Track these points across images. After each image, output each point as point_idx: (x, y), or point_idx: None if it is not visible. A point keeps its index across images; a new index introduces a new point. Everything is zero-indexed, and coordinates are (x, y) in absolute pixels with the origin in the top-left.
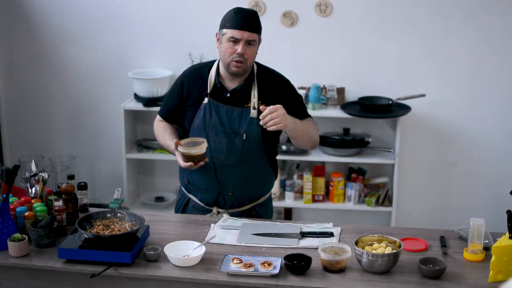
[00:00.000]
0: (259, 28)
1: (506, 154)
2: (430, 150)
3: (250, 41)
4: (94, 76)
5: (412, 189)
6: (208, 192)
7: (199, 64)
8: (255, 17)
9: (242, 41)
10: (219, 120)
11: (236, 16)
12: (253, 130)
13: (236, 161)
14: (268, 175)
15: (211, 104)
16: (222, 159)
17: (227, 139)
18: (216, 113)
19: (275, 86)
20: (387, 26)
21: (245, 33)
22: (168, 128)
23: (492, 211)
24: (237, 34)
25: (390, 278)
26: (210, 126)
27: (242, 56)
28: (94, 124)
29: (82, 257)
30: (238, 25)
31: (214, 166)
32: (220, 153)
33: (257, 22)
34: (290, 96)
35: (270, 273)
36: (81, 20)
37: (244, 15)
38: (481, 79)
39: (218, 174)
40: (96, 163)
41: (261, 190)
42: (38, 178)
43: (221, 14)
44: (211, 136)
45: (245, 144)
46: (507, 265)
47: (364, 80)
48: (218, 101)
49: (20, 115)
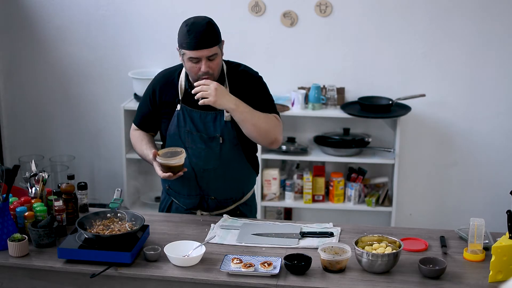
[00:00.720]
0: (217, 38)
1: (506, 154)
2: (430, 150)
3: (210, 57)
4: (94, 76)
5: (412, 189)
6: (190, 198)
7: (168, 69)
8: (210, 30)
9: (204, 59)
10: (194, 125)
11: (190, 36)
12: (229, 132)
13: (216, 165)
14: (249, 173)
15: (184, 110)
16: (201, 164)
17: (204, 144)
18: (190, 119)
19: (246, 84)
20: (387, 26)
21: (203, 52)
22: (145, 137)
23: (492, 211)
24: (196, 54)
25: (390, 278)
26: (186, 132)
27: (207, 72)
28: (94, 124)
29: (82, 257)
30: (195, 46)
31: (194, 172)
32: (199, 159)
33: (212, 34)
34: (258, 91)
35: (270, 273)
36: (81, 20)
37: (198, 34)
38: (481, 79)
39: (199, 179)
40: (96, 163)
41: (242, 190)
42: (38, 178)
43: (221, 13)
44: (187, 142)
45: (223, 148)
46: (507, 265)
47: (364, 80)
48: (191, 106)
49: (20, 115)
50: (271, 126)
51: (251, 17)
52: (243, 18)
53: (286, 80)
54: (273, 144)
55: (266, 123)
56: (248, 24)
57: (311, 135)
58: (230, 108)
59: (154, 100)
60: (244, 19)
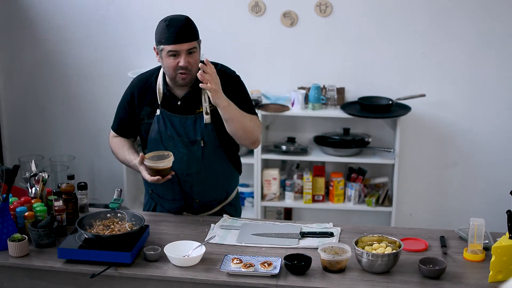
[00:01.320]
0: (196, 34)
1: (506, 154)
2: (430, 150)
3: (190, 50)
4: (94, 76)
5: (412, 189)
6: (174, 202)
7: (145, 73)
8: (189, 24)
9: (183, 53)
10: (174, 130)
11: (169, 30)
12: (209, 134)
13: (198, 169)
14: (231, 174)
15: (163, 115)
16: (184, 169)
17: (185, 148)
18: (170, 124)
19: (224, 84)
20: (387, 26)
21: (183, 45)
22: (126, 143)
23: (492, 211)
24: (175, 48)
25: (390, 278)
26: (167, 137)
27: (186, 67)
28: (94, 124)
29: (82, 257)
30: (174, 39)
31: (177, 176)
32: (181, 163)
33: (192, 28)
34: (237, 91)
35: (270, 273)
36: (81, 20)
37: (177, 28)
38: (481, 79)
39: (182, 184)
40: (96, 163)
41: (226, 190)
42: (38, 178)
43: (221, 13)
44: (169, 147)
45: (204, 151)
46: (507, 265)
47: (364, 80)
48: (170, 111)
49: (20, 115)
50: (255, 126)
51: (251, 17)
52: (243, 18)
53: (286, 80)
54: (255, 144)
55: (251, 122)
56: (248, 24)
57: (311, 135)
58: (223, 105)
59: (133, 105)
60: (244, 19)
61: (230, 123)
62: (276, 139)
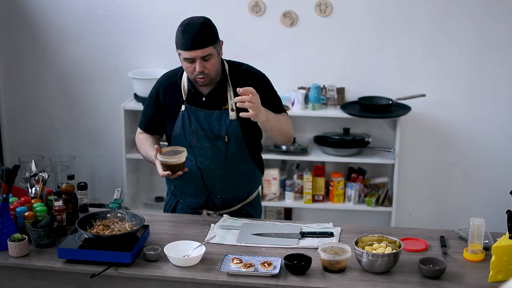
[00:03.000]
0: (211, 39)
1: (506, 154)
2: (430, 150)
3: (205, 57)
4: (94, 76)
5: (412, 189)
6: (196, 197)
7: (171, 71)
8: (205, 30)
9: (198, 59)
10: (199, 125)
11: (184, 36)
12: (235, 131)
13: (222, 164)
14: (254, 173)
15: (188, 110)
16: (207, 163)
17: (209, 143)
18: (195, 119)
19: (250, 83)
20: (387, 26)
21: (197, 52)
22: (149, 138)
23: (492, 211)
24: (189, 55)
25: (390, 278)
26: (191, 132)
27: (203, 72)
28: (94, 124)
29: (82, 257)
30: (188, 46)
31: (200, 171)
32: (205, 158)
33: (207, 34)
34: (265, 91)
35: (270, 273)
36: (81, 20)
37: (192, 34)
38: (481, 79)
39: (205, 178)
40: (96, 163)
41: (248, 189)
42: (38, 178)
43: (221, 13)
44: (193, 142)
45: (228, 147)
46: (507, 265)
47: (364, 80)
48: (195, 106)
49: (20, 115)
50: (290, 127)
51: (251, 17)
52: (243, 18)
53: (286, 80)
54: (290, 141)
55: (286, 125)
56: (248, 24)
57: (311, 135)
58: (263, 120)
59: (158, 102)
60: (244, 19)
61: (270, 132)
62: None
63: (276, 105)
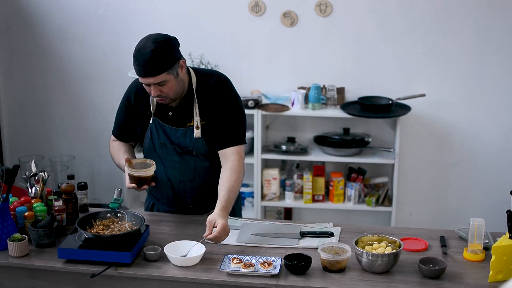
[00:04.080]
0: (164, 66)
1: (506, 154)
2: (430, 150)
3: (159, 83)
4: (94, 76)
5: (412, 189)
6: (169, 205)
7: None
8: (156, 57)
9: (152, 85)
10: (167, 138)
11: (135, 62)
12: (200, 148)
13: (191, 177)
14: None
15: (156, 123)
16: (177, 176)
17: (178, 157)
18: (163, 132)
19: (216, 101)
20: (387, 26)
21: (149, 79)
22: (123, 147)
23: (492, 211)
24: (142, 81)
25: (390, 278)
26: (160, 145)
27: (160, 95)
28: (94, 124)
29: (82, 257)
30: (139, 73)
31: (171, 182)
32: (174, 171)
33: (159, 62)
34: (229, 110)
35: (270, 273)
36: (81, 20)
37: (142, 62)
38: (481, 79)
39: (176, 189)
40: (96, 163)
41: None
42: (38, 178)
43: (221, 13)
44: (162, 154)
45: (197, 160)
46: (507, 265)
47: (364, 80)
48: (163, 120)
49: (20, 115)
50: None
51: (251, 17)
52: (243, 18)
53: (286, 80)
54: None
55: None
56: (248, 24)
57: (311, 135)
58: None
59: (130, 108)
60: (244, 19)
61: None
62: (276, 139)
63: (233, 132)
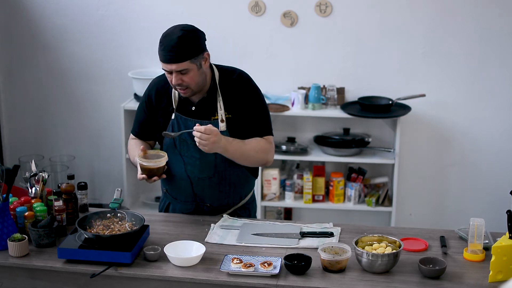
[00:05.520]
0: (189, 54)
1: (506, 154)
2: (430, 150)
3: (181, 71)
4: (94, 76)
5: (412, 189)
6: (186, 204)
7: (164, 75)
8: (182, 44)
9: (174, 72)
10: (188, 134)
11: (160, 47)
12: None
13: (211, 174)
14: (246, 179)
15: (178, 119)
16: (196, 173)
17: (199, 153)
18: (185, 128)
19: (240, 94)
20: (387, 26)
21: (172, 66)
22: (140, 144)
23: (492, 211)
24: (165, 67)
25: (390, 278)
26: (181, 141)
27: (181, 84)
28: (94, 124)
29: (82, 257)
30: (163, 58)
31: (190, 179)
32: (194, 167)
33: (184, 49)
34: (253, 105)
35: (270, 273)
36: (81, 20)
37: (167, 47)
38: (481, 79)
39: (194, 187)
40: (96, 163)
41: (240, 195)
42: (38, 178)
43: (221, 13)
44: (183, 151)
45: (217, 157)
46: (507, 265)
47: (364, 80)
48: (185, 115)
49: (20, 115)
50: (261, 155)
51: (251, 17)
52: (243, 18)
53: (286, 80)
54: (264, 165)
55: (256, 153)
56: (248, 24)
57: (311, 135)
58: (220, 151)
59: (151, 106)
60: (244, 19)
61: (234, 160)
62: (276, 139)
63: (260, 124)
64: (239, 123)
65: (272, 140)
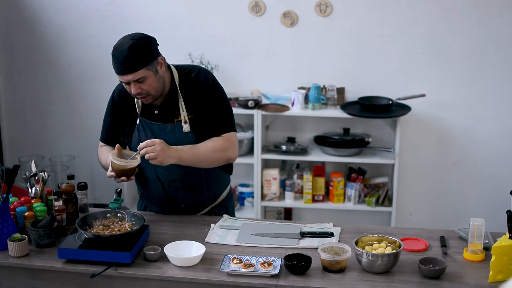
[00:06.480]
0: (142, 62)
1: (506, 154)
2: (430, 150)
3: (138, 80)
4: (94, 76)
5: (412, 189)
6: (160, 206)
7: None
8: (133, 54)
9: (131, 82)
10: (155, 137)
11: (113, 60)
12: (190, 143)
13: (182, 175)
14: (219, 177)
15: (143, 124)
16: (166, 175)
17: None
18: (150, 131)
19: (199, 94)
20: (387, 26)
21: (128, 76)
22: (110, 150)
23: (492, 211)
24: (122, 79)
25: (390, 278)
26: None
27: (140, 93)
28: (94, 124)
29: (82, 257)
30: (118, 70)
31: (160, 181)
32: (164, 170)
33: (137, 58)
34: (212, 102)
35: (270, 273)
36: (81, 20)
37: (120, 59)
38: (481, 79)
39: (166, 189)
40: (96, 163)
41: (214, 193)
42: (38, 178)
43: (221, 14)
44: None
45: None
46: (507, 265)
47: (364, 80)
48: (150, 119)
49: (20, 115)
50: (219, 153)
51: (251, 17)
52: (243, 18)
53: (286, 80)
54: (228, 162)
55: (213, 153)
56: (248, 24)
57: (311, 135)
58: (174, 161)
59: (116, 110)
60: (244, 19)
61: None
62: (276, 139)
63: (220, 122)
64: (202, 123)
65: (234, 136)
